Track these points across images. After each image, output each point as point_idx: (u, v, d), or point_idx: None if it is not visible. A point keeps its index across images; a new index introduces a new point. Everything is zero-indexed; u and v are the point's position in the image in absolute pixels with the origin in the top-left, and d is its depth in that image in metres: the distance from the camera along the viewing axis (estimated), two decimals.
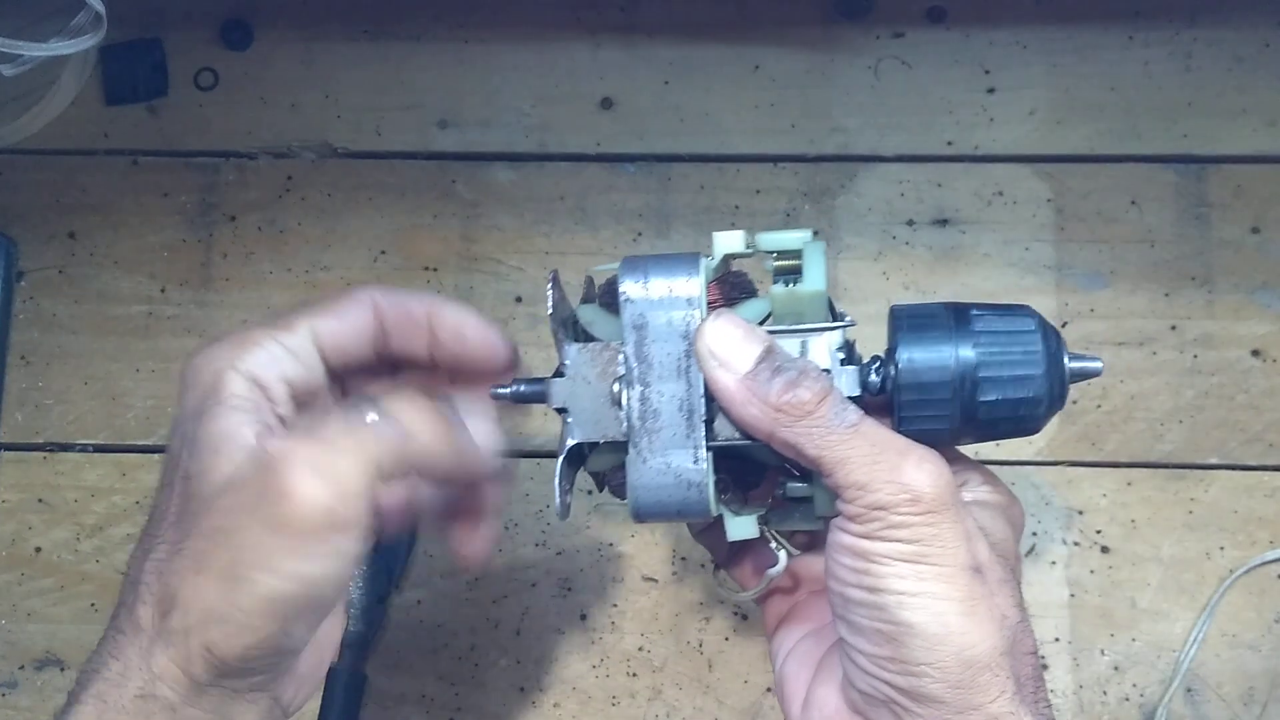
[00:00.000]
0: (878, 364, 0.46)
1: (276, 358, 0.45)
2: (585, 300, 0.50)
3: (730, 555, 0.53)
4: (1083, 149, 0.71)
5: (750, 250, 0.48)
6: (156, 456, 0.69)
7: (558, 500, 0.48)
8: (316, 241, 0.72)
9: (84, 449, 0.70)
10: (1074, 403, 0.68)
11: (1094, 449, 0.68)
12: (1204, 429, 0.68)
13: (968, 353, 0.45)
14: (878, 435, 0.43)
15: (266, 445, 0.42)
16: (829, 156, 0.72)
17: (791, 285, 0.47)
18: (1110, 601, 0.66)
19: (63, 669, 0.67)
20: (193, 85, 0.74)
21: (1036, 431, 0.47)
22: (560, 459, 0.47)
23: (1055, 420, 0.67)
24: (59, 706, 0.44)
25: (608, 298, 0.49)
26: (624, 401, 0.47)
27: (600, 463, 0.49)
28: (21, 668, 0.68)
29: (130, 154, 0.73)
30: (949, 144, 0.71)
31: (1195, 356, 0.69)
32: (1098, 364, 0.47)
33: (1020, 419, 0.46)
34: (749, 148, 0.72)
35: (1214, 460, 0.67)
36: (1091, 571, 0.67)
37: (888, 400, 0.46)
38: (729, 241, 0.48)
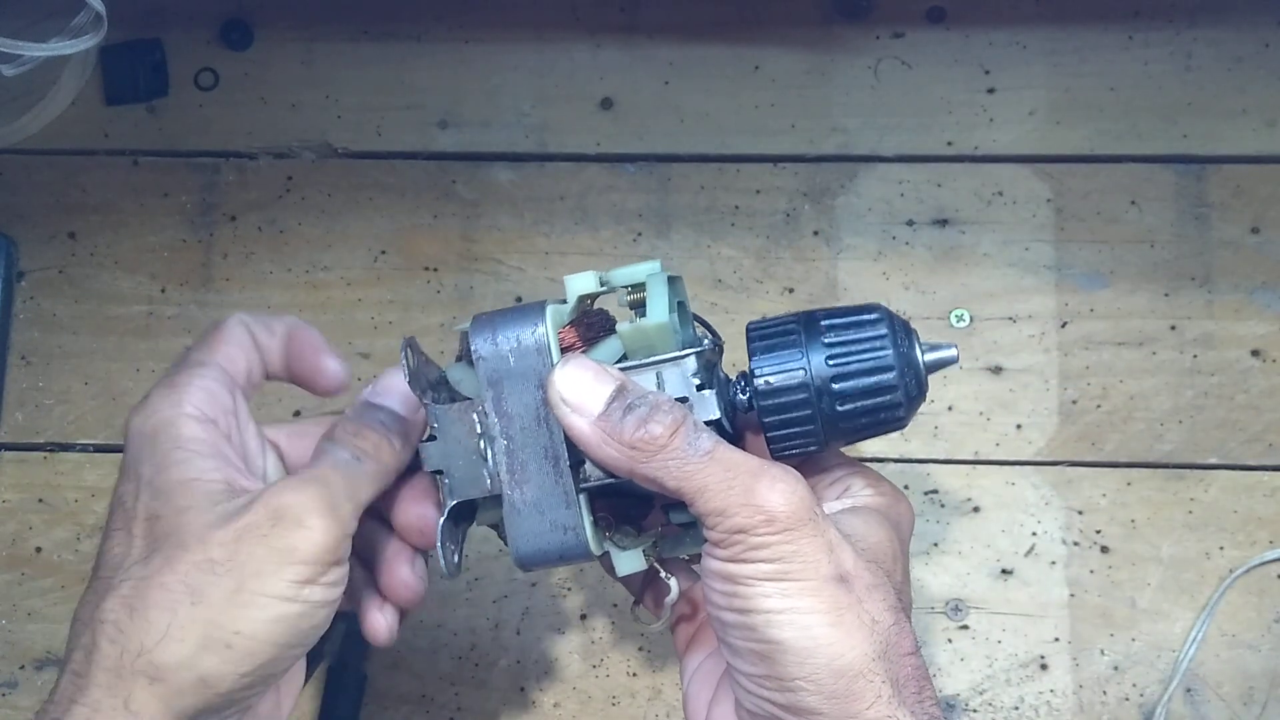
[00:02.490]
0: (742, 383, 0.47)
1: (213, 393, 0.47)
2: (460, 357, 0.50)
3: (642, 589, 0.54)
4: (1082, 149, 0.71)
5: (606, 288, 0.48)
6: None
7: (442, 561, 0.48)
8: (316, 241, 0.72)
9: (84, 449, 0.70)
10: (1074, 403, 0.68)
11: (1094, 449, 0.68)
12: (1204, 429, 0.68)
13: (820, 363, 0.46)
14: (731, 460, 0.43)
15: (277, 490, 0.44)
16: (829, 156, 0.72)
17: (637, 320, 0.47)
18: (1110, 601, 0.66)
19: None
20: (193, 85, 0.74)
21: (903, 426, 0.47)
22: (441, 520, 0.48)
23: (1055, 420, 0.68)
24: None
25: (470, 355, 0.48)
26: (488, 457, 0.47)
27: (489, 516, 0.50)
28: (22, 668, 0.68)
29: (130, 154, 0.73)
30: (949, 144, 0.71)
31: (1195, 356, 0.69)
32: (952, 351, 0.47)
33: (883, 419, 0.47)
34: (749, 148, 0.72)
35: (1214, 460, 0.67)
36: (1091, 571, 0.67)
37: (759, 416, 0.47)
38: (581, 283, 0.48)
